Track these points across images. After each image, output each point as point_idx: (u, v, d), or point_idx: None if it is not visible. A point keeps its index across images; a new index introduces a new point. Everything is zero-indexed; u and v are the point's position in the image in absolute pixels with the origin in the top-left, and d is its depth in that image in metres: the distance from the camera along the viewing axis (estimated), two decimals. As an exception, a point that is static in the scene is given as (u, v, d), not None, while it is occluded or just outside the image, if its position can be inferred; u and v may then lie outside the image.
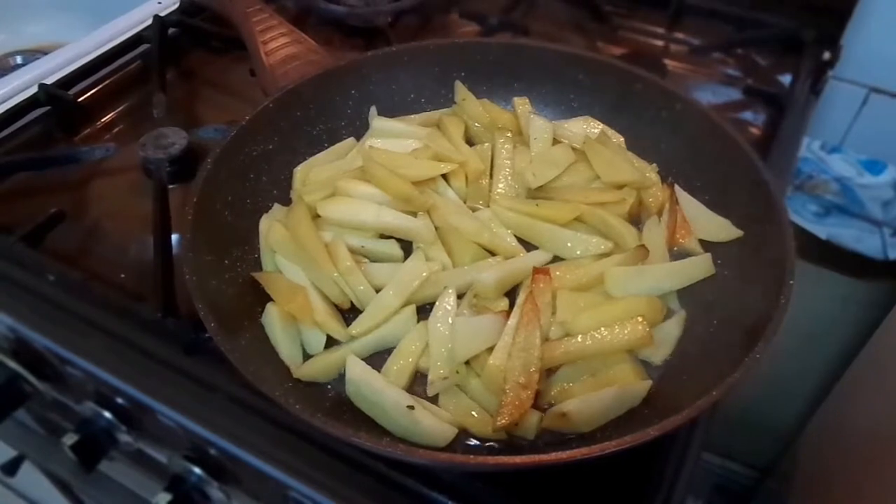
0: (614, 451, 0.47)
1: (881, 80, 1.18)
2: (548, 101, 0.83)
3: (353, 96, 0.80)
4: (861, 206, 1.22)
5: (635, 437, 0.47)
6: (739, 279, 0.64)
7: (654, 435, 0.48)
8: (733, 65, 1.06)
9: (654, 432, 0.48)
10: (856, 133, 1.26)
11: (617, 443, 0.47)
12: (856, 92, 1.21)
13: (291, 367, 0.59)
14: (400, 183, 0.70)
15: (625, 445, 0.47)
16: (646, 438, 0.48)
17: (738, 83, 1.01)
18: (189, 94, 1.00)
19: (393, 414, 0.56)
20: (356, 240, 0.68)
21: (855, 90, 1.21)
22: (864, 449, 1.15)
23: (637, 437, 0.47)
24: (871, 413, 1.18)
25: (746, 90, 0.97)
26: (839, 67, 1.10)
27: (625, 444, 0.47)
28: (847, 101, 1.22)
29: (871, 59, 1.15)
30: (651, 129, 0.77)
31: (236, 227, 0.68)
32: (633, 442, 0.47)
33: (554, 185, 0.74)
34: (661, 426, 0.48)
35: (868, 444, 1.14)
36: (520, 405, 0.55)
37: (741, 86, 0.99)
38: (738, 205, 0.68)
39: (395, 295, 0.64)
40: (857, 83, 1.20)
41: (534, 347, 0.59)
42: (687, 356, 0.62)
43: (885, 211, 1.22)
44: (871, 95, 1.21)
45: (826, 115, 1.23)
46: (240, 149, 0.70)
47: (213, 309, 0.56)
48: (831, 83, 1.13)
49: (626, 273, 0.65)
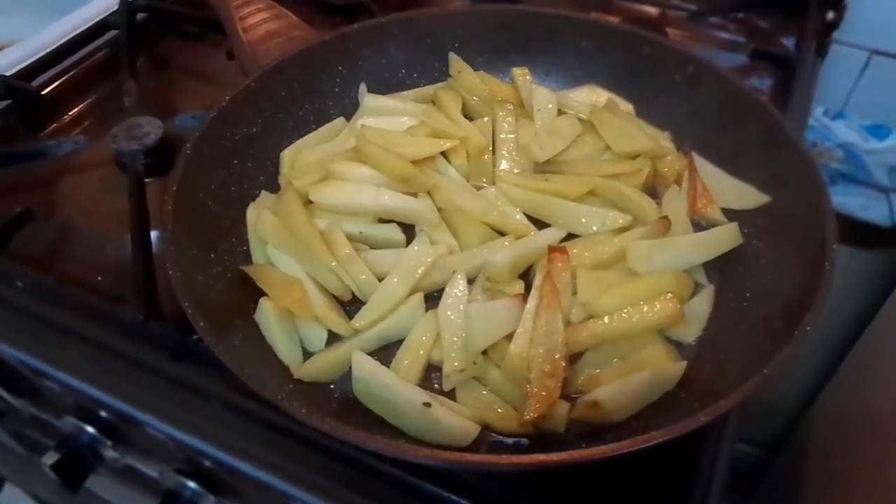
0: (661, 441, 0.42)
1: (883, 42, 1.15)
2: (549, 71, 0.78)
3: (340, 73, 0.75)
4: (867, 173, 1.18)
5: (685, 425, 0.42)
6: (771, 248, 0.60)
7: (704, 421, 0.43)
8: (734, 30, 1.01)
9: (704, 418, 0.43)
10: (858, 98, 1.22)
11: (665, 432, 0.42)
12: (857, 55, 1.17)
13: (291, 367, 0.54)
14: (398, 162, 0.64)
15: (674, 434, 0.42)
16: (696, 425, 0.43)
17: (742, 48, 0.96)
18: (163, 83, 0.94)
19: (407, 412, 0.50)
20: (353, 226, 0.63)
21: (856, 53, 1.17)
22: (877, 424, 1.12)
23: (687, 425, 0.42)
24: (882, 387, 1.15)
25: (753, 54, 0.92)
26: (839, 30, 1.06)
27: (674, 432, 0.42)
28: (848, 65, 1.18)
29: (872, 21, 1.11)
30: (662, 95, 0.72)
31: (222, 218, 0.63)
32: (682, 430, 0.42)
33: (562, 159, 0.69)
34: (712, 411, 0.43)
35: (881, 420, 1.11)
36: (547, 395, 0.50)
37: (745, 51, 0.94)
38: (762, 169, 0.64)
39: (400, 283, 0.59)
40: (858, 46, 1.16)
41: (557, 332, 0.53)
42: (721, 333, 0.58)
43: (892, 177, 1.18)
44: (873, 58, 1.17)
45: (827, 81, 1.19)
46: (221, 132, 0.64)
47: (201, 307, 0.51)
48: (832, 47, 1.09)
49: (650, 247, 0.60)
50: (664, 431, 0.42)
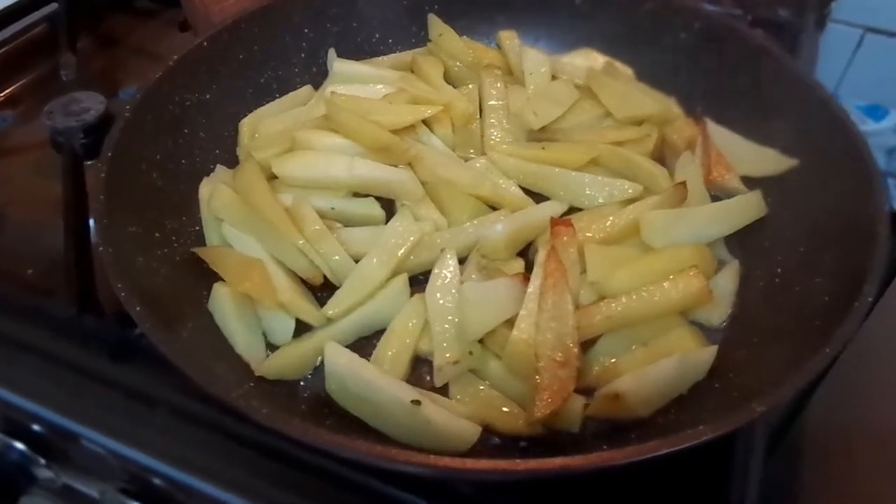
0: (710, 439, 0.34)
1: (876, 19, 1.10)
2: (539, 34, 0.71)
3: (306, 36, 0.67)
4: (864, 157, 1.13)
5: (737, 419, 0.35)
6: (803, 217, 0.53)
7: (760, 413, 0.35)
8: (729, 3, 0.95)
9: (760, 408, 0.35)
10: (851, 78, 1.17)
11: (715, 427, 0.34)
12: (850, 34, 1.12)
13: (252, 363, 0.47)
14: (375, 130, 0.57)
15: (726, 430, 0.34)
16: (751, 417, 0.35)
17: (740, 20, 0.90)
18: (111, 62, 0.85)
19: (392, 413, 0.42)
20: (324, 201, 0.55)
21: (849, 31, 1.12)
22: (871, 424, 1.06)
23: (740, 419, 0.35)
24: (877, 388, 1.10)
25: (754, 23, 0.85)
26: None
27: (725, 427, 0.34)
28: (841, 44, 1.13)
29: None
30: (666, 57, 0.66)
31: (170, 193, 0.55)
32: (737, 424, 0.34)
33: (558, 127, 0.62)
34: (769, 401, 0.35)
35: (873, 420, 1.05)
36: (560, 389, 0.42)
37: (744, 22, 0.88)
38: (786, 131, 0.57)
39: (379, 263, 0.51)
40: (851, 24, 1.11)
41: (566, 315, 0.46)
42: (751, 314, 0.51)
43: (890, 159, 1.13)
44: (867, 36, 1.12)
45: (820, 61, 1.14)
46: (168, 96, 0.56)
47: (139, 292, 0.42)
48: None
49: (666, 218, 0.52)
50: (714, 427, 0.34)
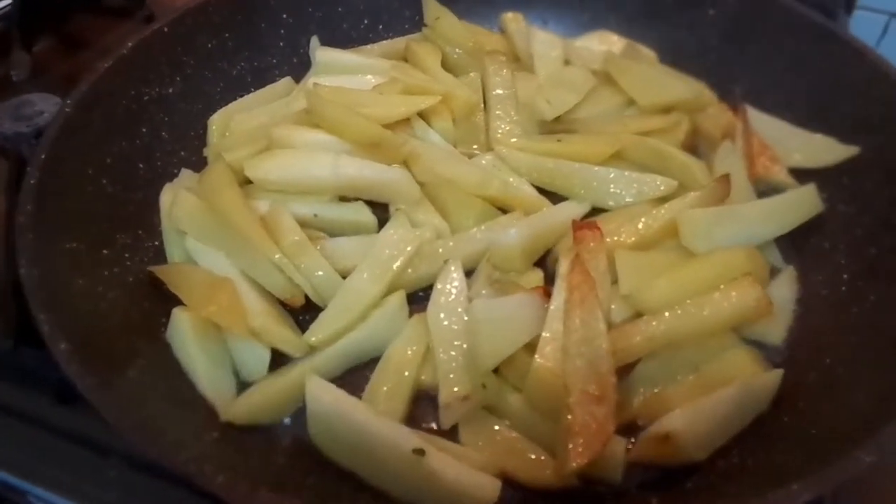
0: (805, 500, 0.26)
1: (903, 5, 1.03)
2: (547, 16, 0.65)
3: (285, 22, 0.60)
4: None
5: (838, 472, 0.26)
6: (869, 212, 0.46)
7: (866, 463, 0.27)
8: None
9: (867, 457, 0.27)
10: (876, 67, 1.10)
11: (807, 484, 0.26)
12: (875, 20, 1.06)
13: (218, 406, 0.40)
14: (364, 124, 0.50)
15: (831, 482, 0.26)
16: (856, 468, 0.27)
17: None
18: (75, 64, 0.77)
19: (390, 464, 0.35)
20: (305, 207, 0.48)
21: (874, 18, 1.06)
22: None
23: (841, 471, 0.26)
24: None
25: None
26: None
27: (830, 480, 0.26)
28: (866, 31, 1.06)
29: (891, -18, 1.00)
30: (693, 36, 0.59)
31: (124, 203, 0.48)
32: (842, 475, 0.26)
33: (574, 117, 0.56)
34: (878, 445, 0.27)
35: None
36: (598, 430, 0.34)
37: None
38: (840, 116, 0.50)
39: (371, 279, 0.44)
40: (876, 10, 1.05)
41: (598, 336, 0.38)
42: (816, 330, 0.43)
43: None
44: (892, 22, 1.05)
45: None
46: (121, 90, 0.50)
47: (73, 324, 0.35)
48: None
49: (708, 218, 0.45)
50: (818, 479, 0.25)
